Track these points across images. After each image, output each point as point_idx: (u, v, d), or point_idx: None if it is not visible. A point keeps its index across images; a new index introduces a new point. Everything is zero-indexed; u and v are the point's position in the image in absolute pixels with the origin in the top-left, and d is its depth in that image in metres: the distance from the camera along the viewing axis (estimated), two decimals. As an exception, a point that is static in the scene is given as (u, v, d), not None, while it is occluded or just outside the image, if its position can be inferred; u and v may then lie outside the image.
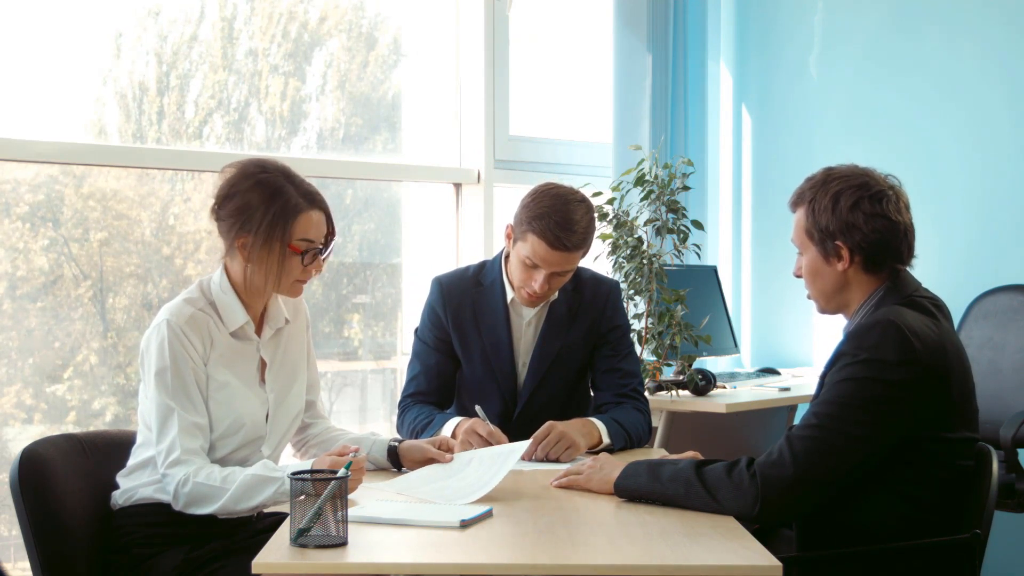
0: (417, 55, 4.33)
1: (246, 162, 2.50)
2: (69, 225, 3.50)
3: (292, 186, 2.46)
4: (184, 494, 2.37)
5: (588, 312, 3.03)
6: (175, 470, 2.37)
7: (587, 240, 2.86)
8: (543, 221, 2.80)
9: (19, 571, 3.18)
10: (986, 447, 2.37)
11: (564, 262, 2.85)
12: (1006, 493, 3.58)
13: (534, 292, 2.89)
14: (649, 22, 4.59)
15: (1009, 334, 4.04)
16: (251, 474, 2.36)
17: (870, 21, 4.73)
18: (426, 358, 3.06)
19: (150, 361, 2.42)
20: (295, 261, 2.46)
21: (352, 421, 4.25)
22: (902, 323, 2.24)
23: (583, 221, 2.84)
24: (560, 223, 2.80)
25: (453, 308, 3.03)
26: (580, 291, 3.04)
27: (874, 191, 2.34)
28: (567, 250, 2.82)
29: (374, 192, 4.26)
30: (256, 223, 2.42)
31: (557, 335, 3.01)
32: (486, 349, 3.01)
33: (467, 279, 3.06)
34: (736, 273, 5.11)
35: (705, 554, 1.93)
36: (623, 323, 3.10)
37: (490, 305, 3.01)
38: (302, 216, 2.45)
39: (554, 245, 2.81)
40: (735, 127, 5.12)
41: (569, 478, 2.42)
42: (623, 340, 3.08)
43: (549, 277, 2.87)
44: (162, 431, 2.39)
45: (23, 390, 3.41)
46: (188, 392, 2.41)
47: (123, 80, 3.62)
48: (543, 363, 3.00)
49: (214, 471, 2.39)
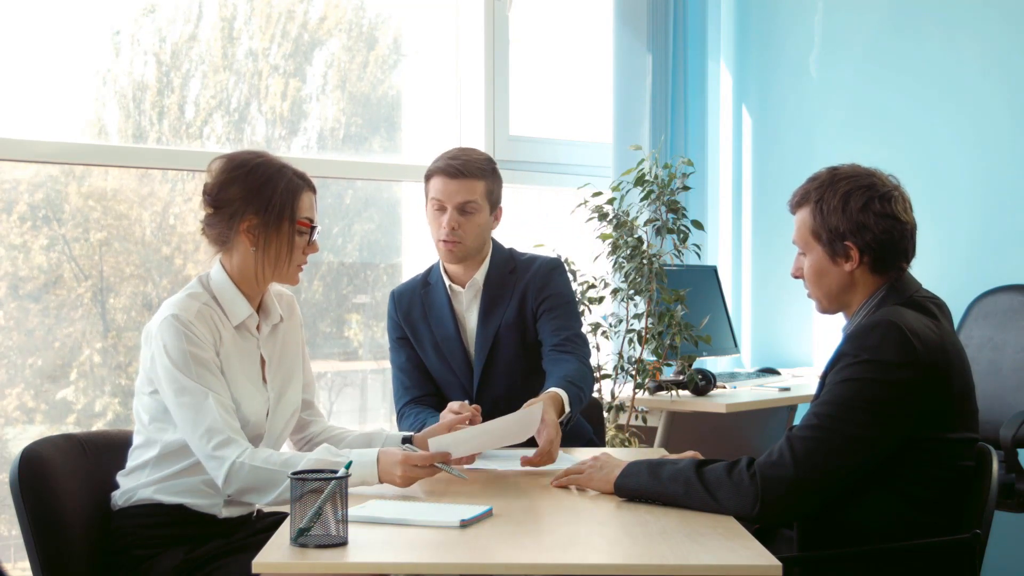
0: (417, 55, 4.33)
1: (234, 152, 2.54)
2: (69, 225, 3.50)
3: (288, 169, 2.52)
4: (241, 478, 2.32)
5: (520, 288, 3.08)
6: (226, 451, 2.33)
7: (485, 174, 3.01)
8: (439, 161, 3.03)
9: (19, 571, 3.18)
10: (986, 447, 2.37)
11: (464, 190, 2.98)
12: (1006, 493, 3.58)
13: (448, 236, 2.98)
14: (649, 22, 4.59)
15: (1009, 334, 4.04)
16: (314, 459, 2.33)
17: (870, 21, 4.73)
18: (397, 359, 3.16)
19: (165, 353, 2.38)
20: (300, 241, 2.50)
21: (352, 421, 4.25)
22: (903, 324, 2.24)
23: (478, 156, 3.04)
24: (454, 156, 3.03)
25: (404, 311, 3.15)
26: (515, 271, 3.11)
27: (883, 191, 2.35)
28: (464, 177, 2.98)
29: (374, 192, 4.26)
30: (264, 202, 2.45)
31: (494, 316, 3.07)
32: (437, 342, 3.10)
33: (416, 283, 3.18)
34: (736, 273, 5.11)
35: (705, 554, 1.93)
36: (555, 292, 3.09)
37: (436, 300, 3.11)
38: (304, 195, 2.51)
39: (450, 174, 2.98)
40: (735, 127, 5.12)
41: (569, 477, 2.42)
42: (558, 307, 3.07)
43: (456, 215, 2.97)
44: (198, 417, 2.35)
45: (24, 391, 3.41)
46: (216, 377, 2.40)
47: (123, 80, 3.62)
48: (485, 345, 3.07)
49: (272, 454, 2.36)
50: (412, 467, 2.35)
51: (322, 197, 4.02)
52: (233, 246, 2.49)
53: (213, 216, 2.49)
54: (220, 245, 2.51)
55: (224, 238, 2.49)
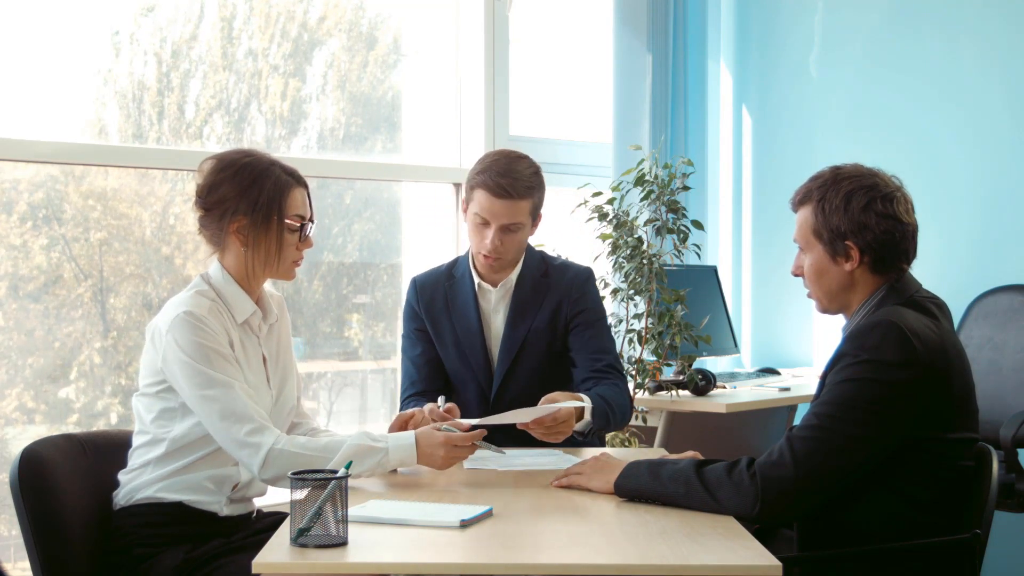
0: (417, 55, 4.33)
1: (224, 152, 2.54)
2: (69, 225, 3.50)
3: (277, 167, 2.51)
4: (280, 464, 2.32)
5: (554, 296, 3.06)
6: (261, 437, 2.33)
7: (532, 191, 2.93)
8: (486, 174, 2.91)
9: (19, 571, 3.18)
10: (986, 447, 2.37)
11: (511, 212, 2.91)
12: (1006, 493, 3.58)
13: (489, 252, 2.94)
14: (649, 22, 4.59)
15: (1009, 334, 4.04)
16: (354, 444, 2.37)
17: (870, 21, 4.73)
18: (411, 352, 3.13)
19: (183, 349, 2.37)
20: (292, 238, 2.49)
21: (352, 421, 4.25)
22: (903, 324, 2.24)
23: (526, 172, 2.93)
24: (502, 172, 2.90)
25: (426, 301, 3.10)
26: (548, 276, 3.08)
27: (885, 192, 2.35)
28: (511, 198, 2.89)
29: (374, 192, 4.26)
30: (251, 202, 2.45)
31: (523, 319, 3.04)
32: (459, 338, 3.07)
33: (441, 274, 3.14)
34: (736, 273, 5.11)
35: (705, 554, 1.93)
36: (591, 307, 3.08)
37: (461, 295, 3.07)
38: (293, 191, 2.50)
39: (497, 193, 2.89)
40: (735, 127, 5.12)
41: (569, 478, 2.42)
42: (594, 323, 3.07)
43: (500, 234, 2.92)
44: (226, 407, 2.34)
45: (24, 391, 3.41)
46: (237, 368, 2.41)
47: (123, 80, 3.62)
48: (512, 348, 3.04)
49: (309, 439, 2.39)
50: (454, 447, 2.43)
51: (322, 197, 4.04)
52: (226, 246, 2.50)
53: (205, 217, 2.50)
54: (215, 245, 2.52)
55: (217, 239, 2.50)
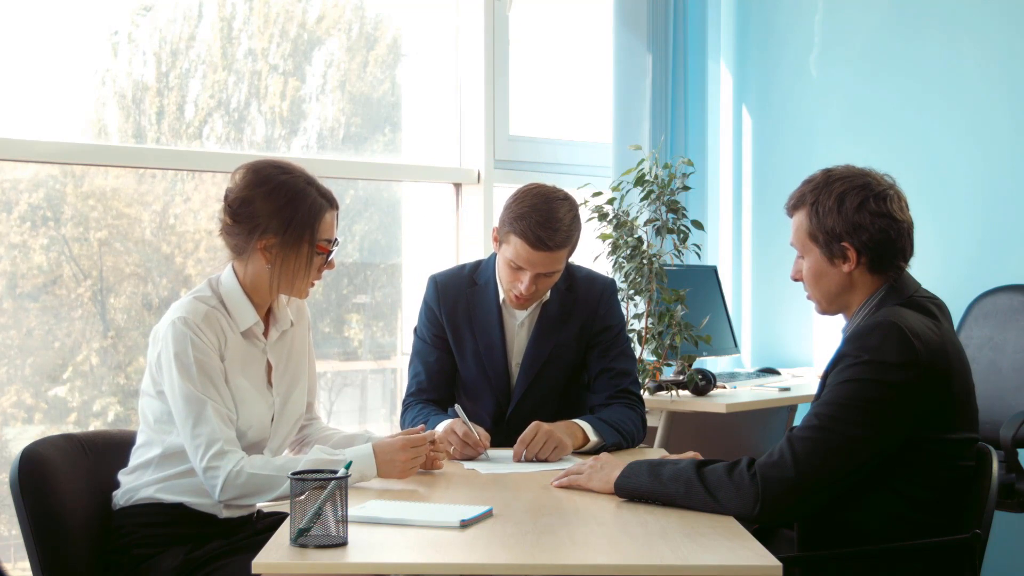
0: (417, 55, 4.33)
1: (260, 163, 2.49)
2: (69, 225, 3.50)
3: (313, 187, 2.47)
4: (238, 485, 2.34)
5: (581, 311, 2.99)
6: (223, 461, 2.35)
7: (570, 239, 2.83)
8: (524, 221, 2.77)
9: (19, 571, 3.18)
10: (986, 447, 2.37)
11: (548, 262, 2.81)
12: (1006, 493, 3.57)
13: (521, 294, 2.87)
14: (649, 22, 4.59)
15: (1009, 334, 4.04)
16: (312, 459, 2.36)
17: (870, 21, 4.73)
18: (426, 356, 3.05)
19: (169, 357, 2.38)
20: (318, 261, 2.48)
21: (352, 421, 4.25)
22: (903, 324, 2.24)
23: (565, 219, 2.79)
24: (541, 222, 2.76)
25: (448, 306, 3.02)
26: (573, 290, 3.01)
27: (878, 191, 2.35)
28: (549, 250, 2.78)
29: (374, 192, 4.26)
30: (284, 222, 2.42)
31: (549, 335, 2.98)
32: (479, 349, 2.99)
33: (463, 278, 3.04)
34: (736, 273, 5.11)
35: (705, 554, 1.93)
36: (616, 323, 3.05)
37: (484, 305, 2.99)
38: (326, 215, 2.47)
39: (536, 245, 2.77)
40: (735, 127, 5.12)
41: (569, 478, 2.42)
42: (616, 340, 3.03)
43: (535, 278, 2.83)
44: (197, 425, 2.36)
45: (23, 390, 3.41)
46: (216, 385, 2.40)
47: (122, 80, 3.62)
48: (535, 364, 2.98)
49: (268, 460, 2.39)
50: (412, 448, 2.41)
51: (322, 197, 4.04)
52: (249, 258, 2.47)
53: (232, 226, 2.46)
54: (236, 254, 2.49)
55: (241, 249, 2.48)
